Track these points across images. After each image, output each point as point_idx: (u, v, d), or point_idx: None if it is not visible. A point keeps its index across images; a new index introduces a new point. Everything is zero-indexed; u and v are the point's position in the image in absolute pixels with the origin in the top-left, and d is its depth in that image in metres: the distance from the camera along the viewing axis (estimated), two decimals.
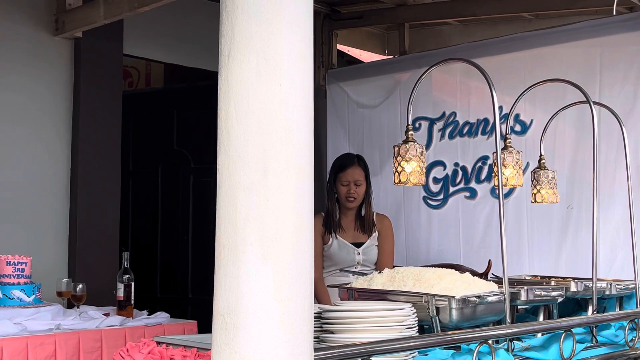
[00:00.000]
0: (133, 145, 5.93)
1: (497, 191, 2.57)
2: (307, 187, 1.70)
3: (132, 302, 3.78)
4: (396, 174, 2.76)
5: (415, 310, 2.29)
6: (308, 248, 1.69)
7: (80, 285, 3.80)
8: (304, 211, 1.69)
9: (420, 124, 5.13)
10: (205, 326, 1.71)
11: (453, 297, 2.36)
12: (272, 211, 1.64)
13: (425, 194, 5.12)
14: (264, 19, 1.66)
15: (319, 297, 3.89)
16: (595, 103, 3.13)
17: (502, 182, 2.62)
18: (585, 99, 3.03)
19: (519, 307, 3.03)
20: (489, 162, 4.75)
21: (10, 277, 3.52)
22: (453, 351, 2.31)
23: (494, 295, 2.49)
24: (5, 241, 4.13)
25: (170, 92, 6.13)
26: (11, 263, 3.53)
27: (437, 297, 2.38)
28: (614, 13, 3.45)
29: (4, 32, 4.30)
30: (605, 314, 3.05)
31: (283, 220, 1.65)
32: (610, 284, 3.12)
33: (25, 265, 3.59)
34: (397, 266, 3.07)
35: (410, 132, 2.78)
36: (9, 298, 3.49)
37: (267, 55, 1.66)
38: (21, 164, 4.35)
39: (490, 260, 3.84)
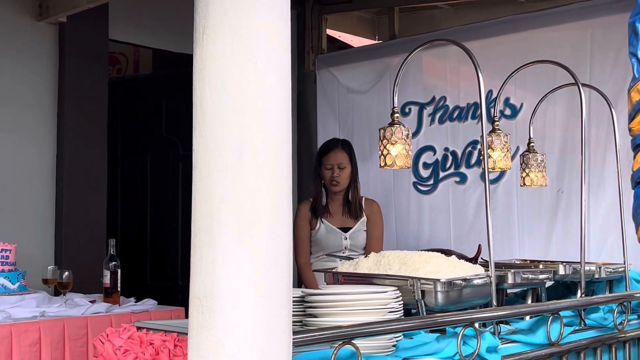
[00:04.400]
0: (122, 132, 5.88)
1: (484, 174, 2.54)
2: (284, 168, 1.67)
3: (119, 289, 3.75)
4: (382, 157, 2.73)
5: (399, 294, 2.26)
6: (286, 231, 1.65)
7: (66, 273, 3.76)
8: (282, 193, 1.66)
9: (410, 109, 5.09)
10: None
11: (438, 280, 2.34)
12: (247, 193, 1.60)
13: (415, 180, 5.09)
14: None
15: (306, 282, 3.88)
16: (584, 85, 3.09)
17: (487, 165, 2.59)
18: (574, 81, 3.00)
19: (508, 291, 3.01)
20: (479, 146, 4.71)
21: None
22: (438, 334, 2.28)
23: (480, 278, 2.47)
24: None
25: (159, 78, 6.07)
26: None
27: (422, 281, 2.35)
28: None
29: None
30: (593, 296, 3.03)
31: (259, 203, 1.61)
32: (600, 267, 3.10)
33: (10, 253, 3.55)
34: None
35: (396, 115, 2.75)
36: None
37: (242, 33, 1.62)
38: (6, 150, 4.30)
39: (480, 245, 3.82)
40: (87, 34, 4.54)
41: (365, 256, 2.74)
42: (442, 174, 4.97)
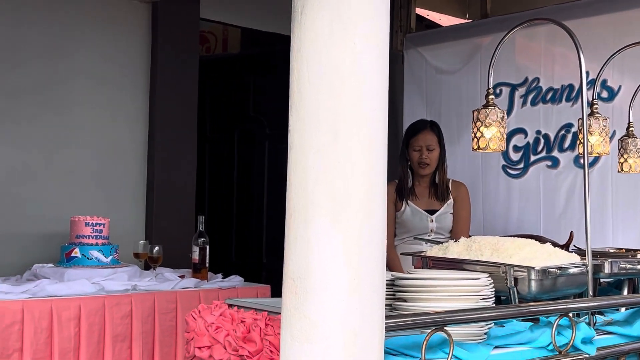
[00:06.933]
0: (210, 111, 5.96)
1: (582, 159, 2.45)
2: (380, 151, 1.64)
3: (207, 265, 3.81)
4: (475, 139, 2.67)
5: (492, 281, 2.21)
6: (380, 213, 1.63)
7: (156, 248, 3.85)
8: (376, 175, 1.63)
9: (501, 90, 4.97)
10: (279, 291, 1.69)
11: (532, 268, 2.27)
12: (342, 175, 1.59)
13: (505, 163, 4.98)
14: None
15: (390, 263, 3.85)
16: None
17: (587, 149, 2.49)
18: None
19: (601, 280, 2.91)
20: (573, 129, 4.57)
21: (89, 238, 3.59)
22: (531, 323, 2.23)
23: (575, 267, 2.38)
24: (84, 203, 4.22)
25: (247, 57, 6.12)
26: (89, 224, 3.60)
27: (515, 268, 2.29)
28: None
29: None
30: None
31: (354, 185, 1.59)
32: None
33: (103, 227, 3.65)
34: (473, 236, 2.98)
35: (491, 97, 2.67)
36: (88, 258, 3.56)
37: (341, 12, 1.59)
38: (100, 127, 4.41)
39: (572, 231, 3.73)
40: (179, 13, 4.60)
41: (455, 240, 2.69)
42: (533, 158, 4.84)
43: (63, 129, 4.27)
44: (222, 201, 6.02)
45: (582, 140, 2.57)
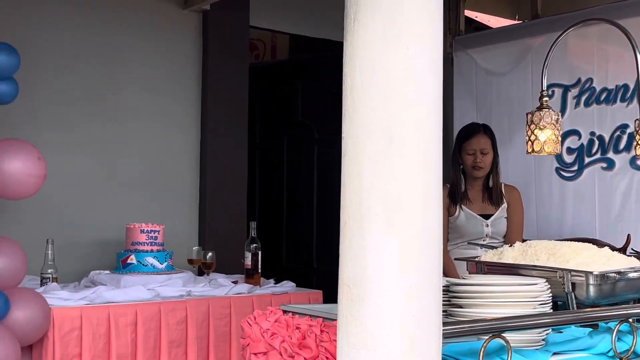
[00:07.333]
0: (259, 117, 5.99)
1: (638, 161, 2.40)
2: (434, 155, 1.63)
3: (259, 270, 3.84)
4: (529, 142, 2.64)
5: (549, 286, 2.18)
6: (436, 219, 1.62)
7: (210, 254, 3.90)
8: (432, 181, 1.63)
9: (553, 91, 4.88)
10: (330, 296, 1.69)
11: (591, 272, 2.24)
12: (397, 181, 1.58)
13: (558, 165, 4.89)
14: None
15: (444, 268, 3.82)
16: None
17: None
18: None
19: None
20: (629, 130, 4.47)
21: (144, 245, 3.65)
22: (590, 329, 2.19)
23: (635, 271, 2.34)
24: (139, 210, 4.28)
25: (295, 63, 6.14)
26: (145, 231, 3.65)
27: (573, 273, 2.26)
28: None
29: (134, 6, 4.41)
30: None
31: (409, 190, 1.59)
32: None
33: (158, 234, 3.71)
34: (526, 240, 2.95)
35: (545, 99, 2.65)
36: (143, 265, 3.62)
37: (394, 18, 1.59)
38: (153, 135, 4.47)
39: (629, 234, 3.64)
40: (229, 21, 4.65)
41: (510, 245, 2.66)
42: (587, 160, 4.74)
43: (117, 137, 4.34)
44: (272, 206, 6.05)
45: (638, 142, 2.52)
